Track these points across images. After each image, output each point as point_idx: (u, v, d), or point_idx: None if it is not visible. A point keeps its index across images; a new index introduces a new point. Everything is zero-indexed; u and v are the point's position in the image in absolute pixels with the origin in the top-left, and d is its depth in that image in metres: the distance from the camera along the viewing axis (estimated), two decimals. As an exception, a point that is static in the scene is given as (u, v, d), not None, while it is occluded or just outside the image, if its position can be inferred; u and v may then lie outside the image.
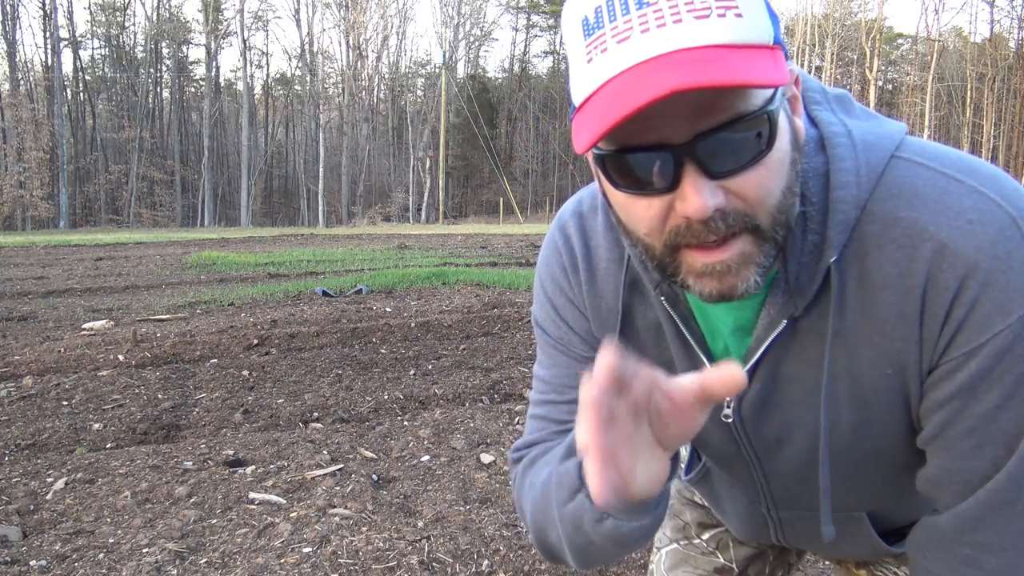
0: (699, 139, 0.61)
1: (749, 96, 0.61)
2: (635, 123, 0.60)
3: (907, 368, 0.71)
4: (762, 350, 0.76)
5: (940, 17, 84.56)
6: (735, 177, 0.63)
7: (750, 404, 0.81)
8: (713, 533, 1.18)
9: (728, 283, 0.66)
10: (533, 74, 63.32)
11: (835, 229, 0.69)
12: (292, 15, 70.14)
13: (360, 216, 46.29)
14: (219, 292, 8.65)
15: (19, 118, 39.29)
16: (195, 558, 2.34)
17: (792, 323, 0.74)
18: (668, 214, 0.65)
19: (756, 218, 0.64)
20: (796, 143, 0.68)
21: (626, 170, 0.65)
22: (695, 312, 0.80)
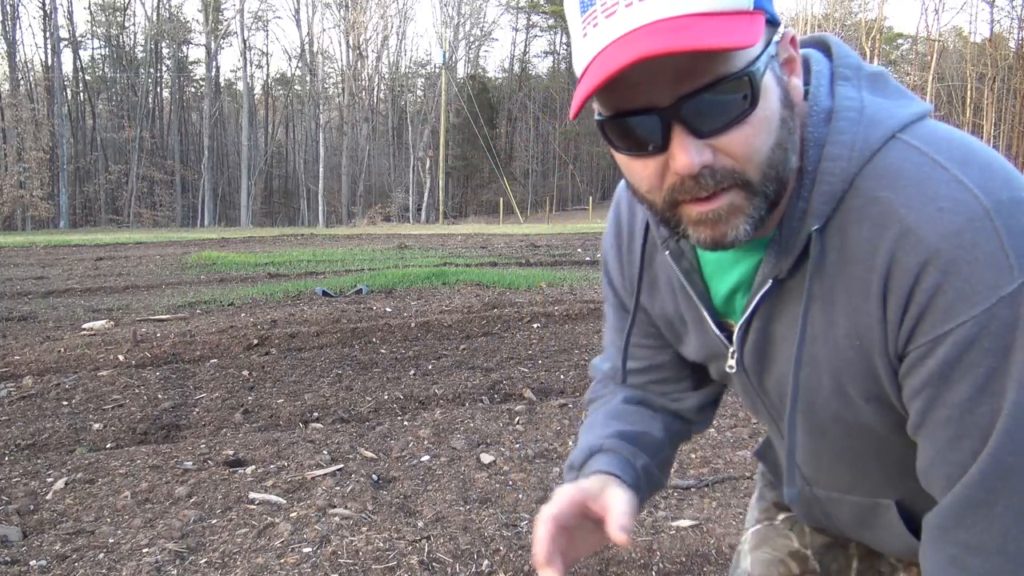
0: (682, 101, 0.65)
1: (728, 59, 0.65)
2: (625, 90, 0.66)
3: (872, 343, 0.73)
4: (752, 306, 0.81)
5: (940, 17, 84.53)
6: (721, 136, 0.67)
7: (749, 355, 0.86)
8: (788, 515, 1.18)
9: (719, 231, 0.71)
10: (533, 74, 63.34)
11: (818, 199, 0.73)
12: (292, 15, 70.16)
13: (360, 216, 46.28)
14: (219, 292, 8.65)
15: (19, 118, 39.29)
16: (195, 558, 2.34)
17: (778, 284, 0.78)
18: (664, 172, 0.70)
19: (745, 173, 0.68)
20: (788, 102, 0.71)
21: (621, 133, 0.70)
22: (703, 268, 0.87)
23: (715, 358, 0.93)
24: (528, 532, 2.51)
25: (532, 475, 3.03)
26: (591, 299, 7.61)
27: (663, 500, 2.81)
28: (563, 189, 59.87)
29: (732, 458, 3.23)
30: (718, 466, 3.14)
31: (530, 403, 4.05)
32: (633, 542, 2.44)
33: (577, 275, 9.92)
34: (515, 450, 3.29)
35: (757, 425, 3.66)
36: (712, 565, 2.36)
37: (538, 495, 2.82)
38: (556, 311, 6.63)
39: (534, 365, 4.87)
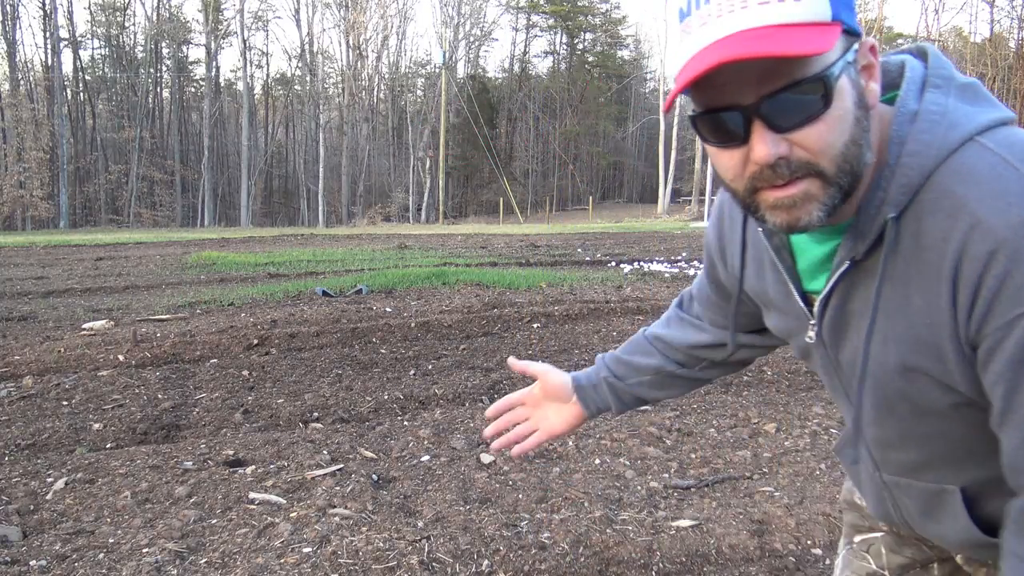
0: (763, 100, 0.75)
1: (805, 64, 0.74)
2: (713, 89, 0.76)
3: (942, 325, 0.80)
4: (831, 284, 0.90)
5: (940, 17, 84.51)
6: (797, 131, 0.75)
7: (827, 328, 0.94)
8: (864, 538, 1.23)
9: (793, 215, 0.79)
10: (533, 74, 63.30)
11: (896, 190, 0.80)
12: (292, 15, 70.15)
13: (360, 216, 46.26)
14: (219, 292, 8.65)
15: (19, 118, 39.27)
16: (195, 558, 2.34)
17: (854, 265, 0.86)
18: (745, 163, 0.79)
19: (819, 165, 0.77)
20: (863, 103, 0.79)
21: (710, 127, 0.80)
22: (793, 245, 0.96)
23: (797, 330, 1.02)
24: (528, 532, 2.51)
25: (532, 475, 3.03)
26: (591, 299, 7.61)
27: (663, 500, 2.81)
28: (563, 189, 59.85)
29: (732, 458, 3.23)
30: (718, 466, 3.14)
31: (530, 403, 4.05)
32: (633, 542, 2.44)
33: (577, 275, 9.91)
34: (515, 450, 3.29)
35: (758, 425, 3.66)
36: (712, 565, 2.37)
37: (538, 495, 2.82)
38: (556, 311, 6.63)
39: (534, 365, 4.86)
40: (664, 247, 15.12)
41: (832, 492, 2.86)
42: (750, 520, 2.61)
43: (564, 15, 60.99)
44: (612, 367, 1.29)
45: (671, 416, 3.77)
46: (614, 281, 9.35)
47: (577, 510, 2.69)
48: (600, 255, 13.53)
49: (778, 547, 2.46)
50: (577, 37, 64.16)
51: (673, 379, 1.28)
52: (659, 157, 47.25)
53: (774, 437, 3.50)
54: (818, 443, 3.42)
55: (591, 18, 63.79)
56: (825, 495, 2.84)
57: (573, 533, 2.48)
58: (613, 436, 3.46)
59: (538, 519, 2.61)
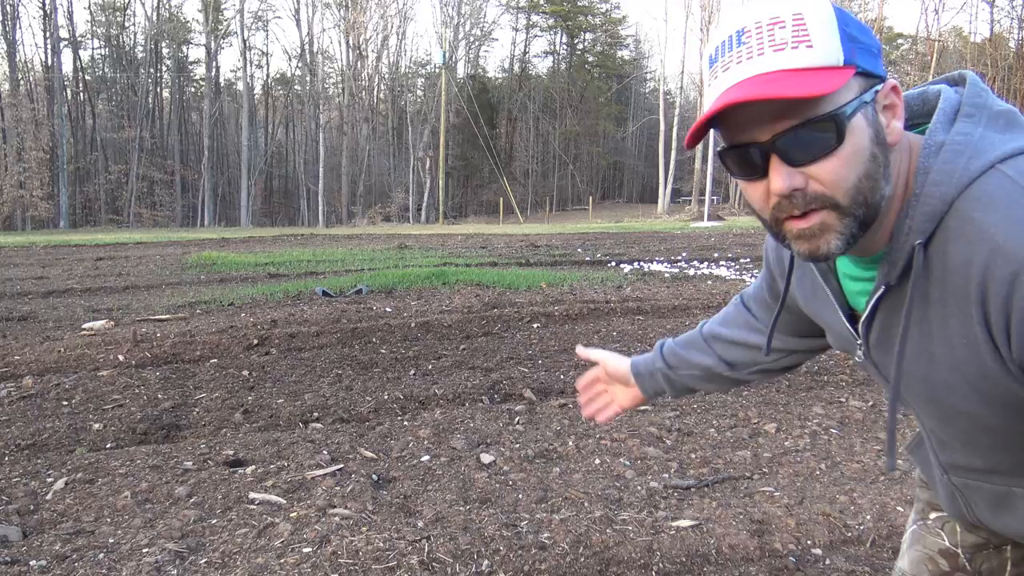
0: (777, 137, 0.82)
1: (817, 104, 0.80)
2: (734, 127, 0.84)
3: (978, 344, 0.84)
4: (869, 307, 0.95)
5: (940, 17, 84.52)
6: (812, 165, 0.82)
7: (873, 347, 1.00)
8: (939, 515, 1.26)
9: (813, 244, 0.86)
10: (533, 74, 63.28)
11: (920, 218, 0.85)
12: (292, 15, 70.11)
13: (360, 216, 46.24)
14: (219, 292, 8.65)
15: (19, 118, 39.24)
16: (195, 558, 2.34)
17: (889, 289, 0.91)
18: (767, 195, 0.86)
19: (834, 197, 0.83)
20: (880, 140, 0.84)
21: (734, 161, 0.87)
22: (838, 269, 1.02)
23: (849, 348, 1.07)
24: (528, 532, 2.51)
25: (532, 475, 3.03)
26: (591, 299, 7.61)
27: (663, 500, 2.81)
28: (563, 189, 59.84)
29: (732, 458, 3.23)
30: (718, 466, 3.14)
31: (530, 403, 4.05)
32: (633, 542, 2.44)
33: (577, 275, 9.91)
34: (515, 450, 3.29)
35: (758, 425, 3.67)
36: (712, 565, 2.37)
37: (538, 495, 2.82)
38: (556, 311, 6.63)
39: (534, 365, 4.87)
40: (664, 247, 15.12)
41: (832, 492, 2.86)
42: (750, 520, 2.61)
43: (564, 15, 60.98)
44: (668, 358, 1.39)
45: (671, 416, 3.77)
46: (614, 281, 9.35)
47: (577, 510, 2.69)
48: (600, 255, 13.52)
49: (778, 547, 2.46)
50: (577, 37, 64.14)
51: (722, 378, 1.36)
52: (659, 157, 47.25)
53: (774, 437, 3.50)
54: (818, 443, 3.43)
55: (591, 18, 63.78)
56: (825, 495, 2.84)
57: (573, 533, 2.48)
58: (613, 436, 3.46)
59: (538, 519, 2.61)
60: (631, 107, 65.63)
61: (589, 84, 61.67)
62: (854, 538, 2.54)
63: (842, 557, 2.43)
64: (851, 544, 2.52)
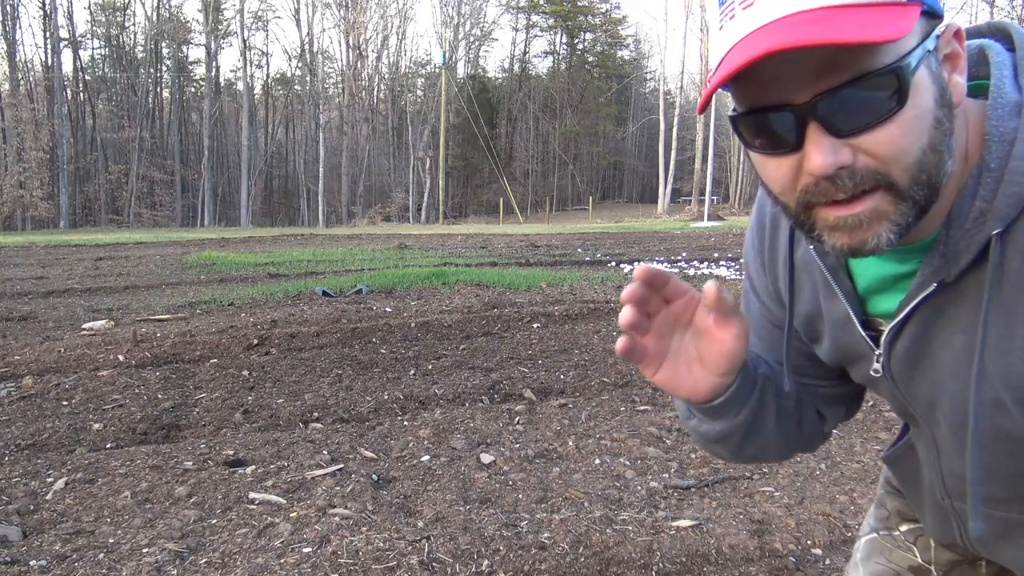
0: (820, 98, 0.62)
1: (875, 53, 0.61)
2: (760, 84, 0.64)
3: None
4: (910, 308, 0.76)
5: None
6: (863, 135, 0.63)
7: (899, 361, 0.81)
8: (912, 527, 1.13)
9: (858, 238, 0.67)
10: (533, 74, 63.30)
11: (1005, 200, 0.67)
12: (292, 15, 70.13)
13: (360, 216, 46.25)
14: (219, 292, 8.65)
15: (19, 118, 39.25)
16: (195, 558, 2.34)
17: (942, 287, 0.73)
18: (798, 173, 0.67)
19: (890, 175, 0.64)
20: (945, 101, 0.66)
21: (754, 130, 0.67)
22: (850, 264, 0.82)
23: (856, 360, 0.87)
24: (528, 532, 2.51)
25: (532, 475, 3.03)
26: (591, 299, 7.61)
27: (663, 500, 2.81)
28: (563, 189, 59.84)
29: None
30: (718, 466, 3.14)
31: (530, 403, 4.05)
32: (633, 542, 2.44)
33: (577, 275, 9.91)
34: (515, 450, 3.29)
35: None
36: (712, 565, 2.37)
37: (538, 495, 2.82)
38: (556, 311, 6.63)
39: (534, 365, 4.86)
40: (664, 247, 15.12)
41: (832, 492, 2.86)
42: (750, 520, 2.61)
43: (564, 15, 61.00)
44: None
45: (671, 416, 3.77)
46: (614, 281, 9.35)
47: (577, 510, 2.69)
48: (600, 255, 13.52)
49: (778, 547, 2.46)
50: (577, 37, 64.15)
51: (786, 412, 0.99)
52: (659, 157, 47.26)
53: (774, 437, 3.50)
54: (818, 443, 3.42)
55: (591, 18, 63.80)
56: (825, 495, 2.84)
57: (573, 533, 2.48)
58: (613, 436, 3.46)
59: (538, 519, 2.61)
60: (631, 107, 65.65)
61: (589, 84, 61.69)
62: (854, 538, 2.55)
63: (842, 557, 2.43)
64: (851, 544, 2.52)
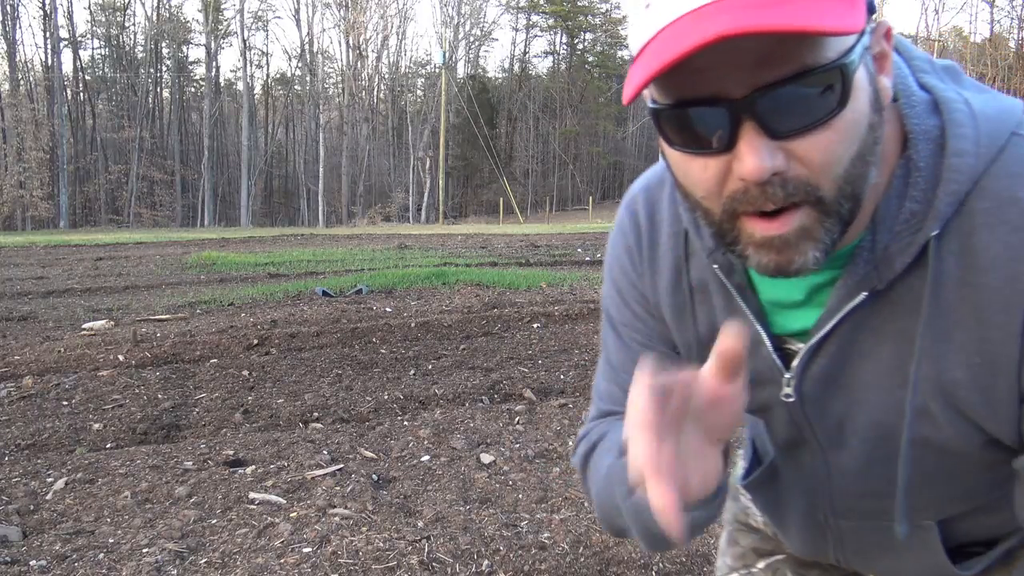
0: (759, 93, 0.55)
1: (820, 46, 0.55)
2: (691, 74, 0.56)
3: (998, 362, 0.65)
4: (833, 322, 0.70)
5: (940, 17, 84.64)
6: (799, 139, 0.57)
7: (813, 380, 0.75)
8: (769, 562, 1.10)
9: (786, 257, 0.61)
10: (533, 74, 63.33)
11: (944, 200, 0.63)
12: (292, 15, 70.14)
13: (360, 216, 46.27)
14: (219, 292, 8.65)
15: (19, 118, 39.27)
16: (195, 558, 2.34)
17: (873, 296, 0.68)
18: (726, 176, 0.60)
19: (819, 188, 0.59)
20: (877, 105, 0.61)
21: (681, 126, 0.60)
22: (754, 281, 0.76)
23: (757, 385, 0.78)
24: (528, 532, 2.51)
25: (532, 475, 3.03)
26: (591, 299, 7.61)
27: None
28: (563, 189, 59.84)
29: (732, 458, 3.23)
30: (718, 466, 3.14)
31: (530, 403, 4.05)
32: (633, 542, 2.44)
33: (577, 275, 9.91)
34: (515, 450, 3.29)
35: (757, 425, 3.66)
36: (712, 565, 2.36)
37: (538, 495, 2.82)
38: (556, 311, 6.63)
39: (534, 365, 4.86)
40: (664, 247, 15.11)
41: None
42: (750, 520, 2.61)
43: (564, 15, 61.00)
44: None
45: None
46: (614, 281, 9.35)
47: (577, 510, 2.69)
48: (600, 255, 13.52)
49: (778, 547, 2.46)
50: (577, 37, 64.17)
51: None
52: (659, 156, 47.20)
53: (774, 437, 3.50)
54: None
55: (591, 18, 63.81)
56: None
57: (573, 533, 2.48)
58: (613, 436, 3.45)
59: (538, 519, 2.61)
60: (631, 107, 65.59)
61: (589, 84, 61.69)
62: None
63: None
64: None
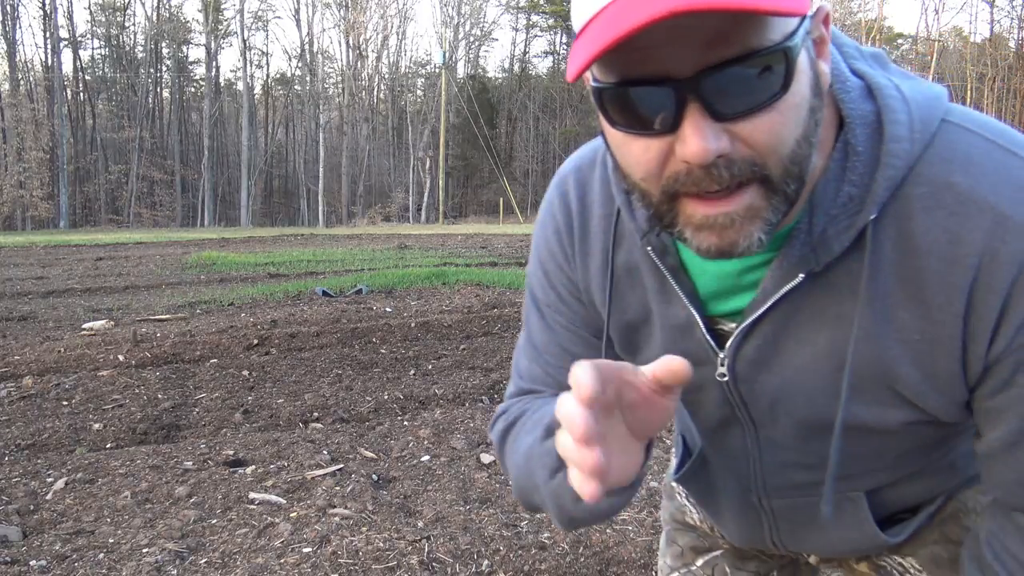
0: (705, 74, 0.54)
1: (765, 28, 0.54)
2: (636, 52, 0.55)
3: (939, 340, 0.66)
4: (768, 304, 0.70)
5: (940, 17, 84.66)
6: (744, 120, 0.56)
7: (747, 362, 0.75)
8: (707, 559, 1.12)
9: (729, 238, 0.60)
10: (533, 74, 63.31)
11: (883, 185, 0.64)
12: (292, 15, 70.14)
13: (360, 216, 46.28)
14: (219, 292, 8.65)
15: (19, 118, 39.28)
16: (195, 558, 2.34)
17: (810, 278, 0.68)
18: (667, 158, 0.59)
19: (766, 167, 0.58)
20: (817, 89, 0.61)
21: (624, 105, 0.59)
22: (687, 263, 0.75)
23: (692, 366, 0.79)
24: (528, 532, 2.51)
25: (532, 475, 3.03)
26: (591, 299, 7.61)
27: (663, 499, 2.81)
28: (563, 189, 59.73)
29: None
30: (718, 466, 3.14)
31: (530, 403, 4.05)
32: (633, 542, 2.44)
33: (577, 275, 9.91)
34: (515, 450, 3.29)
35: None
36: (712, 565, 2.36)
37: (538, 495, 2.82)
38: (556, 311, 6.63)
39: (534, 365, 4.86)
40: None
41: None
42: (750, 520, 2.61)
43: (564, 15, 60.99)
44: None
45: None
46: (614, 281, 9.35)
47: (577, 510, 2.69)
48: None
49: (778, 547, 2.46)
50: (577, 37, 64.13)
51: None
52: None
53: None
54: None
55: (591, 18, 63.76)
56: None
57: (573, 533, 2.48)
58: (613, 436, 3.46)
59: (538, 519, 2.61)
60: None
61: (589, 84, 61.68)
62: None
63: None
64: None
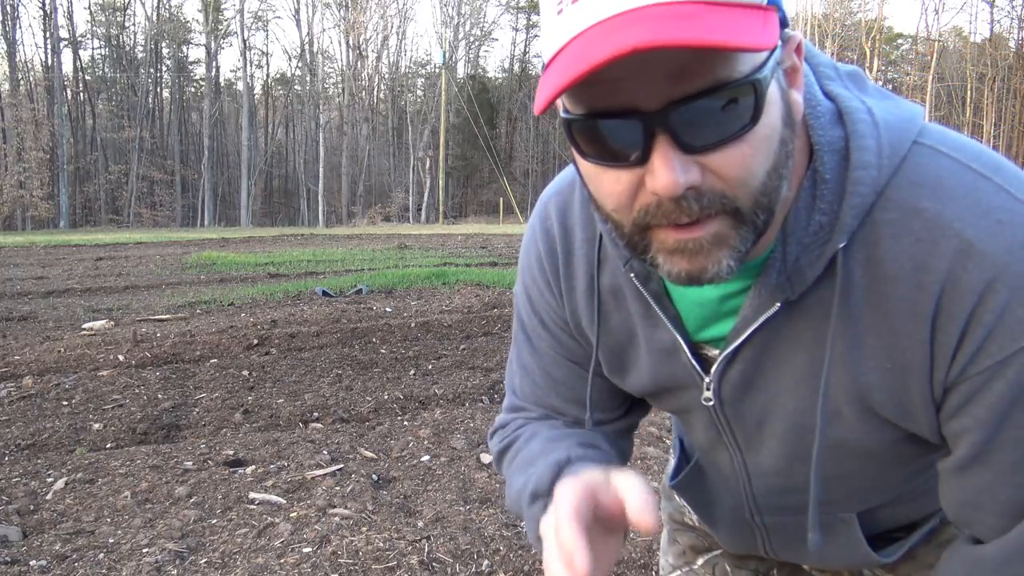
0: (673, 107, 0.54)
1: (734, 61, 0.54)
2: (604, 84, 0.55)
3: (909, 367, 0.66)
4: (749, 332, 0.71)
5: (940, 17, 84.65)
6: (713, 153, 0.56)
7: (731, 385, 0.77)
8: (708, 558, 1.13)
9: (699, 264, 0.61)
10: (533, 74, 63.25)
11: (849, 213, 0.64)
12: (292, 15, 70.10)
13: (360, 216, 46.29)
14: (219, 292, 8.65)
15: (19, 118, 39.28)
16: (195, 558, 2.34)
17: (786, 306, 0.69)
18: (638, 189, 0.59)
19: (736, 200, 0.58)
20: (789, 120, 0.61)
21: (593, 137, 0.59)
22: (669, 289, 0.76)
23: (676, 390, 0.82)
24: (528, 532, 2.50)
25: (532, 475, 3.03)
26: (591, 299, 7.61)
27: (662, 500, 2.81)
28: (563, 189, 59.75)
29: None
30: (718, 466, 3.15)
31: (530, 403, 4.05)
32: (633, 542, 2.44)
33: (577, 275, 9.92)
34: (515, 450, 3.29)
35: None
36: (712, 565, 2.37)
37: (538, 495, 2.82)
38: (556, 311, 6.63)
39: (534, 365, 4.86)
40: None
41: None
42: (750, 520, 2.61)
43: (564, 15, 60.96)
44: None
45: (671, 415, 3.77)
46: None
47: (577, 510, 2.69)
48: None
49: (778, 547, 2.46)
50: (577, 37, 64.13)
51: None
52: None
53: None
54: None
55: (591, 18, 63.78)
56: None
57: (573, 533, 2.48)
58: (613, 436, 3.46)
59: (538, 519, 2.61)
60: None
61: (589, 84, 61.68)
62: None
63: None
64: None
